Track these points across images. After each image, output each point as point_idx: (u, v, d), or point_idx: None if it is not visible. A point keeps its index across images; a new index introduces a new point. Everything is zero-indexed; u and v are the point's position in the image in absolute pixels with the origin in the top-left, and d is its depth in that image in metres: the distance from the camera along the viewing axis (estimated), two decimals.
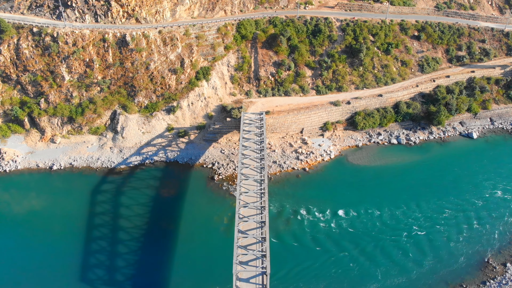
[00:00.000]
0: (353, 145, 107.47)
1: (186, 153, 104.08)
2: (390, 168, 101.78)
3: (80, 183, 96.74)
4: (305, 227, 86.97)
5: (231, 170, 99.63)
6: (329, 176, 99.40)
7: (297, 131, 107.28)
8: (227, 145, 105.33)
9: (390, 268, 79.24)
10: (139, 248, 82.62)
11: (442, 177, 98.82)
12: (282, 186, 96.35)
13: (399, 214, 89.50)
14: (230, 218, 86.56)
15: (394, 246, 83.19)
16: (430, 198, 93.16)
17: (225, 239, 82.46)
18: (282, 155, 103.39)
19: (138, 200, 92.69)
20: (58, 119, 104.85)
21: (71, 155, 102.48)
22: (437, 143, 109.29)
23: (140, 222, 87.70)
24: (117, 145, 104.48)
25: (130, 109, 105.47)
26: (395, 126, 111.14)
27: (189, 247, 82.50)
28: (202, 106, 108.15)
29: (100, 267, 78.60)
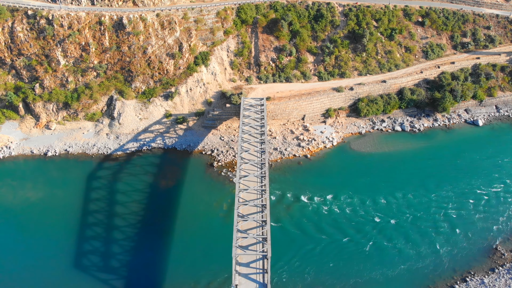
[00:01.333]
0: (356, 132, 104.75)
1: (184, 139, 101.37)
2: (394, 155, 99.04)
3: (75, 170, 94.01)
4: (307, 212, 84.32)
5: (230, 156, 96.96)
6: (331, 163, 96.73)
7: (298, 118, 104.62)
8: (226, 132, 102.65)
9: (394, 254, 76.62)
10: (136, 235, 79.86)
11: (448, 164, 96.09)
12: (283, 172, 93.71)
13: (403, 200, 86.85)
14: (230, 205, 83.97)
15: (398, 232, 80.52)
16: (435, 185, 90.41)
17: (224, 225, 79.85)
18: (283, 142, 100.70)
19: (135, 186, 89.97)
20: (53, 104, 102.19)
21: (66, 142, 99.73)
22: (442, 130, 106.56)
23: (137, 209, 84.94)
24: (113, 131, 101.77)
25: (127, 95, 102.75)
26: (399, 113, 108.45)
27: (188, 233, 79.86)
28: (201, 92, 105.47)
29: (97, 254, 75.96)
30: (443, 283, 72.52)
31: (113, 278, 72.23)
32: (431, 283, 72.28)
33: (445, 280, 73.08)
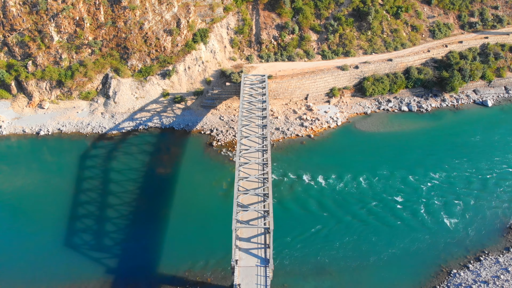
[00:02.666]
0: (361, 112, 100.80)
1: (182, 119, 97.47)
2: (401, 134, 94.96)
3: (69, 149, 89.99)
4: (310, 192, 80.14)
5: (230, 136, 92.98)
6: (335, 143, 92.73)
7: (301, 97, 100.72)
8: (226, 112, 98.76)
9: (403, 233, 72.30)
10: (131, 213, 75.75)
11: (457, 144, 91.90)
12: (285, 152, 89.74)
13: (411, 180, 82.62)
14: (230, 183, 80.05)
15: (407, 212, 76.40)
16: (444, 165, 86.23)
17: (224, 204, 75.85)
18: (285, 122, 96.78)
19: (131, 165, 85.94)
20: (46, 83, 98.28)
21: (59, 121, 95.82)
22: (450, 110, 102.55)
23: (133, 187, 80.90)
24: (108, 110, 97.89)
25: (123, 73, 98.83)
26: (405, 93, 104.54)
27: (186, 211, 75.81)
28: (199, 70, 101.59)
29: (91, 233, 71.86)
30: (456, 262, 68.44)
31: (107, 257, 68.04)
32: (443, 262, 68.16)
33: (458, 259, 68.96)
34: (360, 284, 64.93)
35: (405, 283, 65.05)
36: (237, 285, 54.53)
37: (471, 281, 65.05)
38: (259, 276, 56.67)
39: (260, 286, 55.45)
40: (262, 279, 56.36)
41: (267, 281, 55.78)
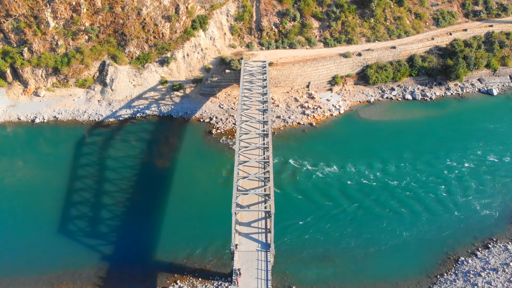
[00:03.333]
0: (364, 100, 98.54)
1: (181, 107, 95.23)
2: (405, 123, 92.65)
3: (64, 136, 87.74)
4: (312, 179, 77.78)
5: (230, 124, 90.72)
6: (338, 131, 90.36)
7: (303, 85, 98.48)
8: (226, 100, 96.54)
9: (408, 221, 70.04)
10: (127, 200, 73.37)
11: (463, 132, 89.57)
12: (287, 140, 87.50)
13: (416, 168, 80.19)
14: (229, 171, 77.77)
15: (412, 199, 73.91)
16: (449, 152, 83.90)
17: (223, 191, 73.54)
18: (287, 110, 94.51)
19: (128, 153, 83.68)
20: (42, 70, 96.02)
21: (55, 108, 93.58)
22: (455, 99, 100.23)
23: (130, 174, 78.62)
24: (105, 98, 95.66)
25: (121, 60, 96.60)
26: (409, 81, 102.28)
27: (184, 198, 73.41)
28: (198, 58, 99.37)
29: (87, 220, 69.49)
30: (463, 249, 66.11)
31: (103, 244, 65.64)
32: (450, 250, 65.81)
33: (465, 246, 66.59)
34: (364, 271, 62.62)
35: (411, 271, 62.72)
36: (236, 270, 52.33)
37: (479, 268, 62.73)
38: (259, 261, 54.41)
39: (261, 271, 53.28)
40: (263, 264, 54.12)
41: (268, 266, 53.68)
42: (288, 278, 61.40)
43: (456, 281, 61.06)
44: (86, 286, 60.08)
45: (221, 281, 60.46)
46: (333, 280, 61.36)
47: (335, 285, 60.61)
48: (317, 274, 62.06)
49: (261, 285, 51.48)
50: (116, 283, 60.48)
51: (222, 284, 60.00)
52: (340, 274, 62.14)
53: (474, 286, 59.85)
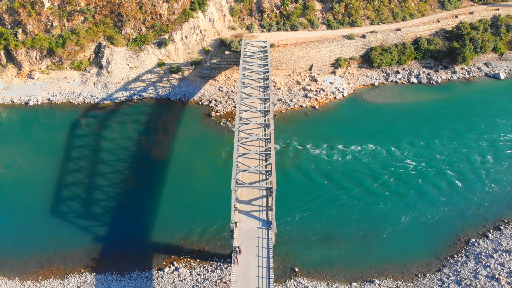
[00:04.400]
0: (368, 83, 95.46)
1: (179, 89, 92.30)
2: (411, 105, 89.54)
3: (58, 118, 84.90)
4: (315, 161, 74.81)
5: (230, 107, 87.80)
6: (342, 114, 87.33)
7: (305, 68, 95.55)
8: (225, 83, 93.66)
9: (415, 203, 66.78)
10: (122, 181, 70.42)
11: (471, 114, 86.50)
12: (288, 122, 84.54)
13: (422, 149, 77.34)
14: (229, 153, 74.97)
15: (418, 181, 70.97)
16: (460, 135, 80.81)
17: (223, 173, 70.58)
18: (288, 92, 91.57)
19: (124, 134, 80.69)
20: (36, 52, 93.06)
21: (49, 91, 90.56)
22: (461, 83, 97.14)
23: (126, 156, 75.66)
24: (101, 80, 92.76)
25: (117, 42, 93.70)
26: (414, 65, 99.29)
27: (182, 180, 70.49)
28: (197, 40, 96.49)
29: (79, 201, 66.44)
30: (474, 231, 63.06)
31: (96, 225, 62.58)
32: (460, 232, 62.75)
33: (476, 228, 63.55)
34: (370, 253, 59.56)
35: (420, 253, 59.61)
36: (236, 247, 49.47)
37: (491, 250, 59.67)
38: (260, 239, 51.40)
39: (262, 248, 50.32)
40: (264, 241, 51.09)
41: (269, 244, 50.78)
42: (290, 260, 58.38)
43: (467, 262, 58.04)
44: (78, 267, 57.18)
45: (220, 262, 57.74)
46: (337, 262, 58.34)
47: (340, 267, 57.66)
48: (320, 256, 59.02)
49: (262, 262, 48.58)
50: (109, 264, 57.51)
51: (221, 265, 57.22)
52: (345, 255, 59.14)
53: (486, 267, 56.91)
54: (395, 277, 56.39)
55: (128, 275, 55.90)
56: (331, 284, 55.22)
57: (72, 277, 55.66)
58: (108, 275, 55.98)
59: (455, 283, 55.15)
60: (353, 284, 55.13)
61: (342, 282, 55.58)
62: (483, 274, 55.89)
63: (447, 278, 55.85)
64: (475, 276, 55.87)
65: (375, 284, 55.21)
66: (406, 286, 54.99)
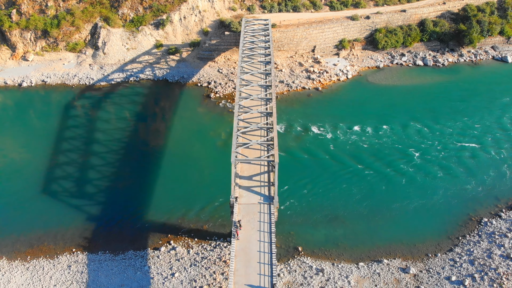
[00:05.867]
0: (373, 66, 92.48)
1: (177, 71, 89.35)
2: (416, 87, 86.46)
3: (52, 99, 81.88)
4: (319, 142, 71.79)
5: (230, 89, 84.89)
6: (345, 95, 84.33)
7: (308, 49, 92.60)
8: (225, 64, 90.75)
9: (424, 183, 63.69)
10: (118, 161, 67.48)
11: (480, 95, 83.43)
12: (291, 104, 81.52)
13: (431, 131, 74.16)
14: (228, 134, 72.10)
15: (427, 161, 67.75)
16: (467, 116, 77.72)
17: (222, 153, 67.62)
18: (291, 74, 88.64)
19: (120, 115, 77.74)
20: (31, 33, 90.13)
21: (44, 72, 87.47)
22: (468, 66, 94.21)
23: (121, 136, 72.65)
24: (97, 61, 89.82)
25: (113, 22, 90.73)
26: (420, 47, 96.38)
27: (180, 160, 67.41)
28: (196, 21, 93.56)
29: (72, 180, 63.38)
30: (486, 211, 60.04)
31: (89, 204, 59.45)
32: (472, 212, 59.70)
33: (488, 208, 60.48)
34: (377, 233, 56.50)
35: (429, 233, 56.49)
36: (236, 222, 46.58)
37: (505, 229, 56.54)
38: (262, 213, 48.42)
39: (264, 223, 47.39)
40: (266, 216, 48.18)
41: (271, 219, 47.88)
42: (293, 239, 55.37)
43: (480, 242, 55.03)
44: (69, 246, 54.11)
45: (220, 241, 54.76)
46: (343, 242, 55.33)
47: (345, 247, 54.66)
48: (325, 235, 55.98)
49: (264, 237, 45.66)
50: (102, 243, 54.50)
51: (221, 244, 54.26)
52: (350, 235, 56.11)
53: (500, 247, 53.88)
54: (404, 257, 53.42)
55: (122, 255, 52.88)
56: (337, 263, 52.28)
57: (63, 256, 52.70)
58: (101, 254, 53.01)
59: (468, 262, 52.21)
60: (360, 264, 52.18)
61: (348, 262, 52.61)
62: (497, 253, 52.94)
63: (460, 258, 52.86)
64: (489, 255, 52.89)
65: (383, 263, 52.23)
66: (417, 266, 52.11)
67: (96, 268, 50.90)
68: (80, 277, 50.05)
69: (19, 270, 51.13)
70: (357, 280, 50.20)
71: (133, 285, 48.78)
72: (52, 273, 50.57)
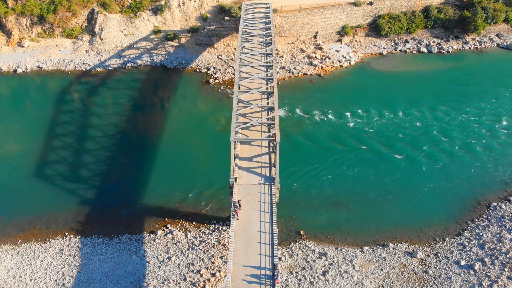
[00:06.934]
0: (376, 52, 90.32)
1: (175, 57, 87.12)
2: (421, 73, 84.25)
3: (48, 84, 79.79)
4: (321, 127, 69.60)
5: (229, 75, 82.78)
6: (349, 81, 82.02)
7: (309, 35, 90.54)
8: (225, 51, 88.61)
9: (431, 168, 61.47)
10: (113, 145, 65.29)
11: (486, 82, 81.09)
12: (292, 90, 79.41)
13: (436, 115, 71.97)
14: (228, 119, 70.01)
15: (433, 146, 65.47)
16: (473, 100, 75.48)
17: (221, 138, 65.21)
18: (292, 60, 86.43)
19: (117, 100, 75.51)
20: (27, 18, 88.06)
21: (39, 58, 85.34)
22: (473, 53, 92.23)
23: (118, 120, 70.52)
24: (94, 47, 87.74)
25: (111, 8, 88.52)
26: (424, 34, 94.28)
27: (178, 145, 65.36)
28: (195, 6, 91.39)
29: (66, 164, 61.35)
30: (495, 195, 57.80)
31: (83, 188, 57.38)
32: (480, 196, 57.49)
33: (496, 192, 58.26)
34: (383, 217, 54.37)
35: (437, 217, 54.34)
36: (236, 202, 44.52)
37: None
38: (262, 194, 46.31)
39: (264, 204, 45.24)
40: (267, 197, 46.03)
41: (272, 199, 45.80)
42: (294, 223, 53.26)
43: (489, 226, 52.91)
44: (62, 230, 52.02)
45: (218, 225, 52.70)
46: (346, 226, 53.24)
47: (349, 231, 52.57)
48: (328, 219, 53.88)
49: (265, 217, 43.57)
50: (96, 227, 52.39)
51: (219, 228, 52.19)
52: (355, 219, 53.97)
53: (510, 231, 51.55)
54: (411, 241, 51.26)
55: (117, 238, 50.76)
56: (340, 247, 50.16)
57: (55, 240, 50.63)
58: (94, 238, 50.92)
59: (477, 247, 50.08)
60: (365, 248, 50.02)
61: (352, 246, 50.48)
62: (507, 237, 50.76)
63: (469, 242, 50.71)
64: (499, 239, 50.73)
65: (389, 248, 50.08)
66: (424, 250, 49.96)
67: (90, 252, 48.83)
68: (73, 260, 47.99)
69: (9, 254, 49.05)
70: (362, 264, 48.11)
71: (128, 269, 46.76)
72: (43, 256, 48.46)
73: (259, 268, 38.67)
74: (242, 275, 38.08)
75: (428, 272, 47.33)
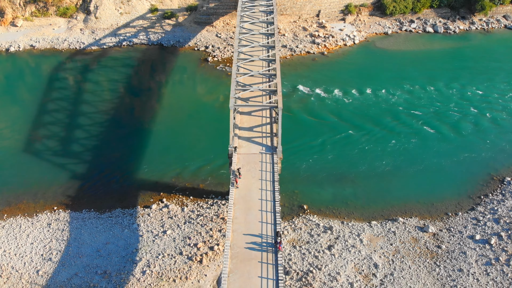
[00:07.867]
0: (380, 32, 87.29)
1: (172, 35, 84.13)
2: (426, 52, 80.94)
3: (40, 62, 76.51)
4: (325, 104, 66.44)
5: (228, 53, 79.60)
6: (353, 59, 78.93)
7: (312, 14, 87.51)
8: (224, 29, 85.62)
9: (441, 143, 58.40)
10: (107, 121, 62.22)
11: (494, 61, 77.88)
12: (294, 68, 76.36)
13: (444, 93, 68.78)
14: (226, 96, 66.81)
15: (442, 123, 62.23)
16: (480, 82, 72.20)
17: (220, 115, 62.17)
18: (294, 39, 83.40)
19: (112, 77, 72.43)
20: None
21: (32, 37, 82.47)
22: (480, 33, 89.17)
23: (113, 97, 67.46)
24: (89, 26, 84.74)
25: None
26: (430, 14, 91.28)
27: (175, 120, 62.39)
28: None
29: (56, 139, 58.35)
30: (508, 170, 54.70)
31: (75, 162, 54.43)
32: (493, 171, 54.48)
33: (510, 167, 55.10)
34: (391, 192, 51.38)
35: (448, 192, 51.42)
36: (235, 170, 41.56)
37: None
38: (264, 163, 43.38)
39: (266, 172, 42.33)
40: (269, 165, 43.07)
41: (274, 168, 42.86)
42: (297, 198, 50.30)
43: (504, 201, 49.85)
44: (50, 205, 48.95)
45: (217, 199, 49.75)
46: (352, 200, 50.30)
47: (356, 205, 49.67)
48: (332, 194, 50.92)
49: (266, 186, 40.61)
50: (87, 201, 49.41)
51: (218, 202, 49.23)
52: (361, 194, 51.01)
53: None
54: (422, 216, 48.32)
55: (109, 213, 47.82)
56: (347, 222, 47.20)
57: (43, 214, 47.67)
58: (85, 212, 47.98)
59: (492, 221, 47.04)
60: (373, 222, 47.07)
61: (359, 220, 47.53)
62: None
63: (483, 217, 47.72)
64: None
65: (398, 222, 47.10)
66: (436, 225, 46.99)
67: (79, 226, 45.83)
68: (61, 234, 44.96)
69: None
70: (370, 238, 45.12)
71: (120, 243, 43.74)
72: (29, 231, 45.43)
73: (260, 236, 35.78)
74: (242, 243, 35.05)
75: (441, 246, 44.32)
